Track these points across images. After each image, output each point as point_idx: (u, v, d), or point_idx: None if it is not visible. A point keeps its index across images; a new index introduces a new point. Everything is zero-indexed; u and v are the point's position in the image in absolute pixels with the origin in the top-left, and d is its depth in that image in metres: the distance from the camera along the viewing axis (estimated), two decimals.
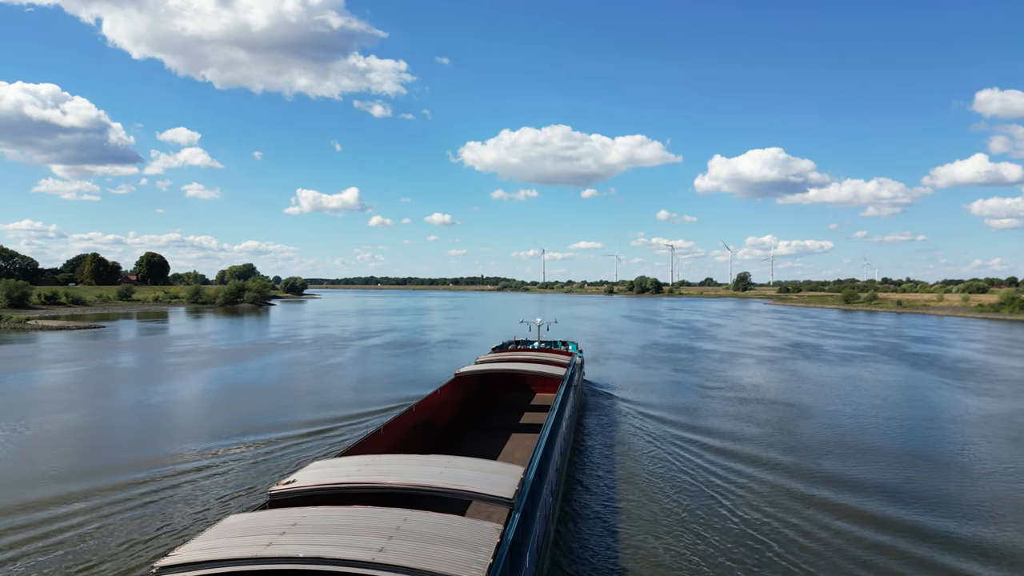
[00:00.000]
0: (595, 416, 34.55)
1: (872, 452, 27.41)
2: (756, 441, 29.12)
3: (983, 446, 28.71)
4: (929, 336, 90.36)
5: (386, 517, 11.08)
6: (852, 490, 22.29)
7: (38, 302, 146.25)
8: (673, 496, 21.48)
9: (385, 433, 19.70)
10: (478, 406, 33.05)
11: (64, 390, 42.57)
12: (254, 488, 21.87)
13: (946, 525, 19.18)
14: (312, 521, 10.83)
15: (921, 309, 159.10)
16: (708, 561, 16.59)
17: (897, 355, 65.00)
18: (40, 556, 16.62)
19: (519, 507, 12.57)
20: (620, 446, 28.21)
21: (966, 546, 17.70)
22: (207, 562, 9.63)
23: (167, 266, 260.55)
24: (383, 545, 9.87)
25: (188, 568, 9.64)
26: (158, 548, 16.86)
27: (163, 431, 30.90)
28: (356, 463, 14.30)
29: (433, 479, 13.04)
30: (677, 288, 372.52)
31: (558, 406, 22.61)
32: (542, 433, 18.67)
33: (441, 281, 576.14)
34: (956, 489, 22.58)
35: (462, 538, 10.52)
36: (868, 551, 17.30)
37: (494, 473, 14.09)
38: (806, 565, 16.40)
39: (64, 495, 21.24)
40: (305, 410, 35.49)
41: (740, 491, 21.99)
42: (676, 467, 25.02)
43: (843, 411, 36.19)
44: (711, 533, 18.39)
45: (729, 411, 36.05)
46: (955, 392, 42.94)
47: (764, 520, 19.44)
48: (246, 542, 10.10)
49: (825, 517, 19.74)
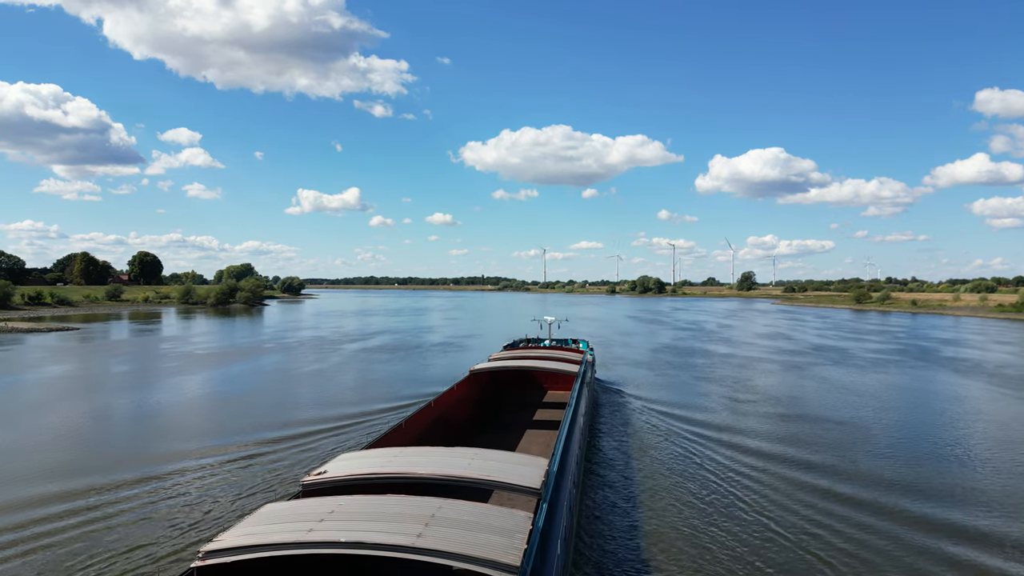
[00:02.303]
0: (608, 413, 33.96)
1: (941, 475, 22.01)
2: (810, 467, 23.66)
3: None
4: (957, 338, 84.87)
5: (420, 505, 11.30)
6: (925, 529, 16.97)
7: (21, 302, 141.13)
8: (695, 492, 21.32)
9: (406, 427, 20.13)
10: (492, 403, 33.27)
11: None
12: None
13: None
14: (348, 509, 11.06)
15: (937, 309, 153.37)
16: (740, 561, 16.24)
17: (933, 359, 59.53)
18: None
19: (546, 497, 12.78)
20: (635, 444, 27.66)
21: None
22: (252, 547, 9.85)
23: (160, 266, 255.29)
24: (420, 531, 10.07)
25: (234, 552, 9.82)
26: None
27: (79, 460, 25.44)
28: (384, 455, 14.59)
29: (462, 470, 13.29)
30: (680, 288, 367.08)
31: (575, 402, 22.69)
32: (562, 427, 18.83)
33: (441, 281, 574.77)
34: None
35: (496, 525, 10.73)
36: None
37: (520, 464, 14.31)
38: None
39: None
40: (258, 428, 30.06)
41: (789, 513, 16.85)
42: (694, 463, 24.91)
43: (897, 427, 30.75)
44: (739, 531, 17.98)
45: (764, 426, 30.59)
46: (1017, 403, 37.51)
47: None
48: (287, 528, 10.37)
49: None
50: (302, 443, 27.48)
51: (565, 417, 20.15)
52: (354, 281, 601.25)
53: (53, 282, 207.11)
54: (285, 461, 24.71)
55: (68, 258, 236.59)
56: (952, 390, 42.75)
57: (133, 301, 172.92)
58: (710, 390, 41.91)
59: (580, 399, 24.31)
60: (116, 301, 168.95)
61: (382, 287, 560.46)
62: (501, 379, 35.70)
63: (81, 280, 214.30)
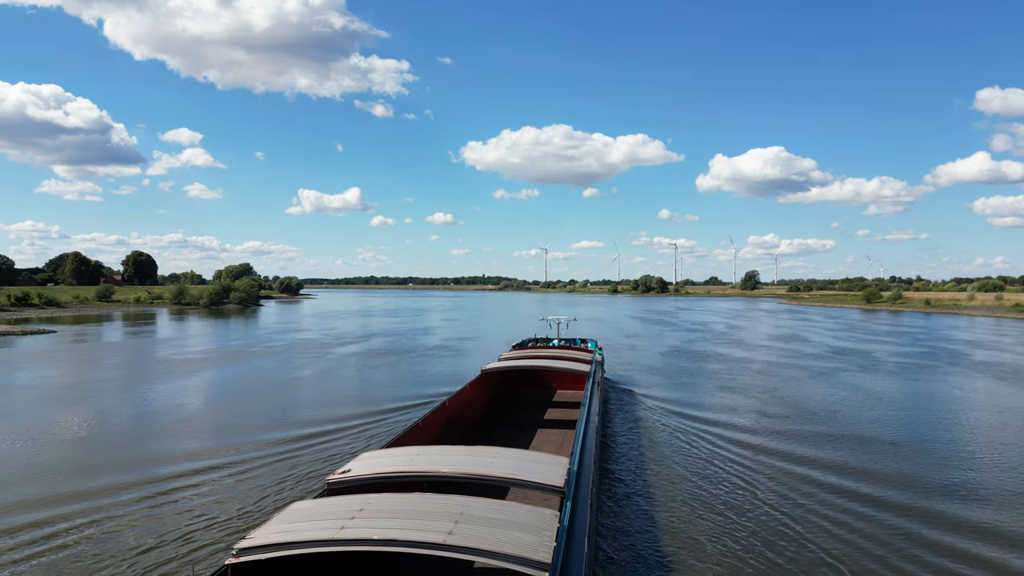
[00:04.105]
0: (619, 413, 33.84)
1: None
2: (877, 503, 19.26)
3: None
4: (983, 340, 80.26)
5: (448, 503, 11.37)
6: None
7: (7, 303, 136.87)
8: (711, 489, 21.45)
9: (423, 426, 20.31)
10: (503, 402, 33.37)
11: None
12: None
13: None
14: (377, 507, 11.08)
15: (952, 309, 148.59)
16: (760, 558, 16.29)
17: (966, 364, 54.98)
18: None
19: (569, 495, 12.83)
20: (647, 442, 27.76)
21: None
22: (286, 544, 9.88)
23: (155, 265, 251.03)
24: (451, 528, 10.09)
25: (268, 550, 9.86)
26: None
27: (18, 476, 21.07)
28: (406, 453, 14.77)
29: (485, 468, 13.38)
30: (683, 287, 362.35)
31: (588, 401, 22.86)
32: (578, 425, 18.98)
33: (442, 281, 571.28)
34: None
35: (523, 522, 10.81)
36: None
37: (541, 463, 14.40)
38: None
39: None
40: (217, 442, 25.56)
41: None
42: (704, 461, 25.44)
43: (948, 441, 26.26)
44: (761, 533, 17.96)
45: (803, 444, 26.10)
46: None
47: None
48: (319, 526, 10.35)
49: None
50: (242, 470, 22.98)
51: (581, 416, 20.30)
52: (355, 281, 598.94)
53: (44, 282, 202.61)
54: (251, 483, 20.23)
55: (60, 258, 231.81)
56: (1001, 400, 38.21)
57: (124, 302, 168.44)
58: (736, 402, 37.41)
59: (593, 398, 24.30)
60: (107, 302, 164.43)
61: (382, 287, 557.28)
62: (512, 378, 35.86)
63: (73, 280, 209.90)
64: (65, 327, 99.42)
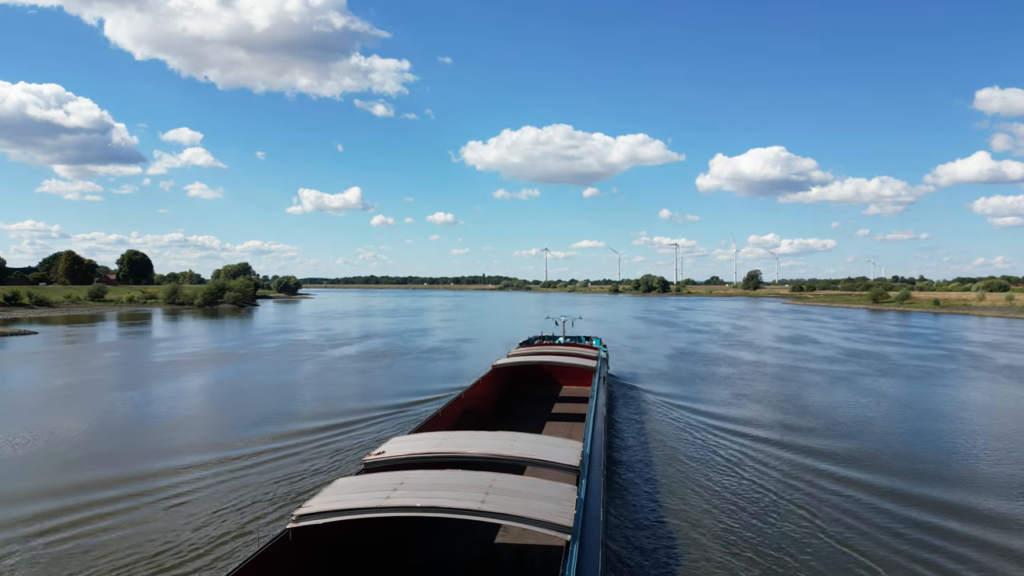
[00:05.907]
0: (624, 408, 34.84)
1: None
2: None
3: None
4: (1001, 342, 77.33)
5: (477, 478, 12.43)
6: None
7: None
8: (716, 481, 22.14)
9: (443, 416, 21.55)
10: (512, 396, 34.81)
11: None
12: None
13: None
14: (416, 481, 12.21)
15: (962, 309, 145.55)
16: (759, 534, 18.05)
17: (990, 368, 52.09)
18: None
19: (584, 474, 13.85)
20: (651, 433, 28.94)
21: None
22: (340, 511, 11.06)
23: (150, 265, 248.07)
24: (483, 499, 11.23)
25: (324, 516, 11.01)
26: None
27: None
28: (435, 437, 15.89)
29: (507, 449, 14.62)
30: (684, 287, 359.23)
31: (596, 394, 23.64)
32: (588, 415, 20.19)
33: (442, 280, 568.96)
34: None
35: (545, 494, 12.05)
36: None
37: (557, 446, 15.49)
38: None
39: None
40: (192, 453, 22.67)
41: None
42: (706, 450, 26.42)
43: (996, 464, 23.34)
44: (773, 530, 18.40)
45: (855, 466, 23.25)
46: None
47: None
48: (366, 496, 11.47)
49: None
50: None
51: (590, 407, 21.39)
52: (355, 280, 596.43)
53: (36, 282, 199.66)
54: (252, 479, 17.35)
55: (53, 257, 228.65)
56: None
57: (117, 302, 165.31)
58: (750, 407, 34.52)
59: (600, 392, 25.24)
60: (99, 302, 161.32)
61: (383, 286, 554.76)
62: (521, 373, 37.17)
63: (66, 280, 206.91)
64: (50, 328, 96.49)
